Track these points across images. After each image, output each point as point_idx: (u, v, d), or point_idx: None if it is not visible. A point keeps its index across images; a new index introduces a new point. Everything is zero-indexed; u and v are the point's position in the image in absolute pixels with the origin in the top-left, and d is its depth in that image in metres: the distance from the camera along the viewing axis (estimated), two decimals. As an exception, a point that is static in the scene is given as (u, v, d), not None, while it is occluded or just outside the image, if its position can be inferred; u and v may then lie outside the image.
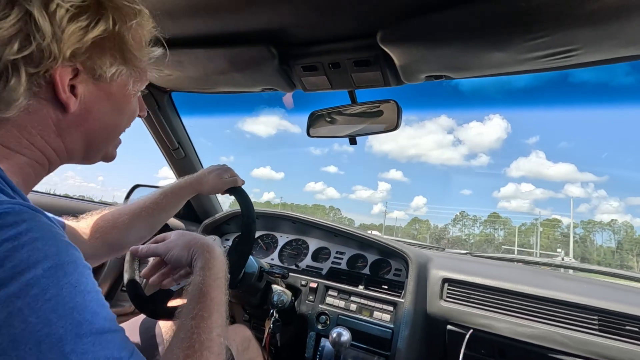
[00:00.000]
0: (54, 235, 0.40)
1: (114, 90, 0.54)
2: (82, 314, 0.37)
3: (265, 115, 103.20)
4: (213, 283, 0.62)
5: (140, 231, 0.89)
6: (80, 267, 0.40)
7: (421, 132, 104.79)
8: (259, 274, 1.15)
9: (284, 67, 1.04)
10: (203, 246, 0.68)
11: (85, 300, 0.38)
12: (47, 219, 0.42)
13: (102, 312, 0.40)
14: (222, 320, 0.57)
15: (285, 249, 1.65)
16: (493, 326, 1.12)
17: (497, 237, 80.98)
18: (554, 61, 0.82)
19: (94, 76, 0.51)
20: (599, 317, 1.02)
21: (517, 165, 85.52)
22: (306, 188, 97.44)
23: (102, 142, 0.58)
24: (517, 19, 0.70)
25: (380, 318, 1.24)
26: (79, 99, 0.50)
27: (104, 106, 0.54)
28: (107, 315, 0.40)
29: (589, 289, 1.14)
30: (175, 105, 1.53)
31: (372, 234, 1.52)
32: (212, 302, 0.58)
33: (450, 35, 0.79)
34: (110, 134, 0.58)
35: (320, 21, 0.86)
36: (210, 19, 0.90)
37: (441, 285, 1.26)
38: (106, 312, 0.41)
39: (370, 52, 0.91)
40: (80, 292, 0.38)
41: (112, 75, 0.52)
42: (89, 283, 0.40)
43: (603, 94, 61.18)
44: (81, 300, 0.38)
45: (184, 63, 1.09)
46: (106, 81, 0.52)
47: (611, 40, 0.72)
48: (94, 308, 0.39)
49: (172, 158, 1.64)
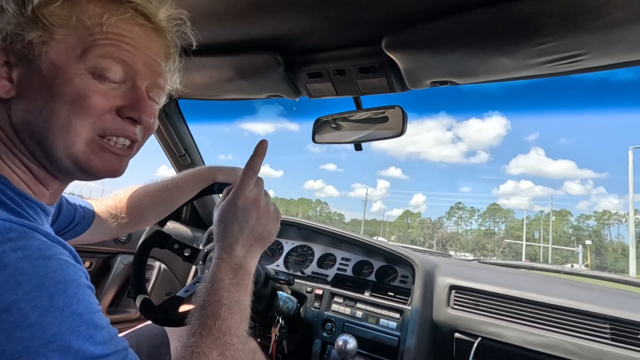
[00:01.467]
0: (44, 255, 0.37)
1: (43, 65, 0.44)
2: (69, 340, 0.34)
3: (270, 121, 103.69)
4: (225, 279, 0.57)
5: (158, 211, 0.94)
6: (72, 287, 0.37)
7: (420, 129, 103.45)
8: (264, 281, 1.14)
9: (289, 75, 1.05)
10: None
11: (73, 325, 0.35)
12: (44, 237, 0.39)
13: (96, 336, 0.37)
14: (234, 325, 0.54)
15: (290, 255, 1.65)
16: (502, 334, 1.10)
17: (497, 232, 75.05)
18: (559, 66, 0.82)
19: (19, 52, 0.44)
20: (611, 326, 1.00)
21: (516, 162, 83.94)
22: (305, 186, 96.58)
23: (48, 140, 0.46)
24: (522, 25, 0.70)
25: (387, 325, 1.23)
26: (15, 83, 0.44)
27: (34, 87, 0.45)
28: (101, 339, 0.37)
29: (600, 296, 1.12)
30: (182, 112, 1.55)
31: (377, 240, 1.51)
32: (219, 305, 0.54)
33: (455, 41, 0.79)
34: (50, 129, 0.46)
35: (325, 29, 0.87)
36: (217, 28, 0.92)
37: (448, 292, 1.25)
38: (100, 336, 0.38)
39: (375, 58, 0.92)
40: (68, 315, 0.35)
41: (38, 44, 0.43)
42: (81, 304, 0.37)
43: (603, 90, 60.57)
44: (68, 325, 0.35)
45: (191, 71, 1.11)
46: (32, 52, 0.44)
47: (617, 46, 0.72)
48: (85, 332, 0.36)
49: (179, 164, 1.65)
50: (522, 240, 65.83)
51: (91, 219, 0.83)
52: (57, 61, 0.44)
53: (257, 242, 0.63)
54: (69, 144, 0.47)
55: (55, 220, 0.73)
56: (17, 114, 0.46)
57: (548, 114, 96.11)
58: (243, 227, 0.61)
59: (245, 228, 0.61)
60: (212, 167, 0.99)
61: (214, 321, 0.52)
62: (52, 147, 0.46)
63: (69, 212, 0.76)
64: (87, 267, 1.45)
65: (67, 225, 0.76)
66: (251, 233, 0.62)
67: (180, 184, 0.94)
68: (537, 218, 75.17)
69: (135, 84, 0.51)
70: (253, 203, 0.63)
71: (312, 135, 1.27)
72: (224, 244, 0.61)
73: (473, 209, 79.87)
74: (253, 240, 0.63)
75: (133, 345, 0.95)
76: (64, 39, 0.45)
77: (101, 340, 0.37)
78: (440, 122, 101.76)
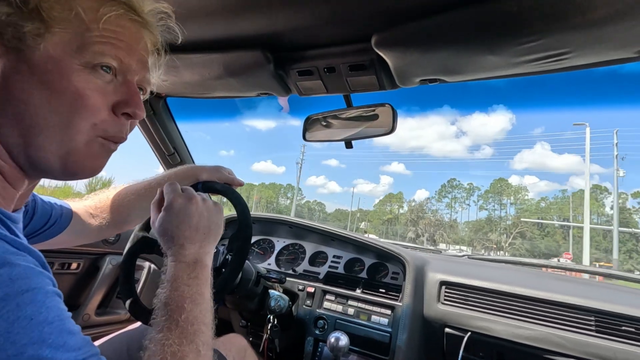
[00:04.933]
0: (9, 262, 0.35)
1: (38, 60, 0.43)
2: (39, 350, 0.33)
3: (262, 118, 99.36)
4: (183, 274, 0.59)
5: (143, 210, 0.91)
6: (39, 295, 0.36)
7: (423, 123, 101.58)
8: (256, 279, 1.14)
9: (279, 72, 1.04)
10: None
11: (43, 333, 0.34)
12: (9, 245, 0.38)
13: (69, 343, 0.36)
14: (197, 319, 0.54)
15: (282, 253, 1.64)
16: (491, 328, 1.11)
17: (504, 218, 53.24)
18: (546, 64, 0.83)
19: (9, 42, 0.42)
20: (595, 318, 1.03)
21: (520, 157, 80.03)
22: (307, 182, 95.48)
23: (40, 136, 0.44)
24: (509, 23, 0.71)
25: (378, 322, 1.24)
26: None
27: (26, 82, 0.43)
28: (74, 345, 0.37)
29: (586, 290, 1.14)
30: (170, 110, 1.52)
31: (368, 237, 1.52)
32: (182, 299, 0.55)
33: (444, 39, 0.79)
34: (44, 126, 0.44)
35: (315, 26, 0.87)
36: (205, 24, 0.90)
37: (439, 288, 1.26)
38: (74, 342, 0.37)
39: (365, 56, 0.92)
40: (37, 324, 0.34)
41: (34, 38, 0.42)
42: (50, 312, 0.36)
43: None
44: (39, 334, 0.34)
45: (179, 68, 1.09)
46: (26, 47, 0.42)
47: (604, 44, 0.73)
48: (56, 341, 0.35)
49: (168, 163, 1.63)
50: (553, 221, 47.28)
51: (69, 218, 0.80)
52: (53, 55, 0.43)
53: (206, 235, 0.67)
54: (67, 142, 0.45)
55: (31, 219, 0.71)
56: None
57: (555, 107, 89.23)
58: (187, 226, 0.65)
59: (189, 226, 0.65)
60: (195, 166, 0.98)
61: (180, 314, 0.53)
62: (43, 143, 0.44)
63: (45, 211, 0.74)
64: (74, 268, 1.42)
65: (43, 225, 0.74)
66: (197, 229, 0.66)
67: (164, 182, 0.93)
68: (559, 199, 53.61)
69: (127, 79, 0.50)
70: (189, 202, 0.67)
71: (302, 133, 1.27)
72: (174, 247, 0.63)
73: (472, 186, 59.23)
74: (202, 235, 0.66)
75: (123, 346, 0.94)
76: (60, 33, 0.44)
77: (74, 347, 0.36)
78: (444, 116, 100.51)
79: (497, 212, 56.18)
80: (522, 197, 56.29)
